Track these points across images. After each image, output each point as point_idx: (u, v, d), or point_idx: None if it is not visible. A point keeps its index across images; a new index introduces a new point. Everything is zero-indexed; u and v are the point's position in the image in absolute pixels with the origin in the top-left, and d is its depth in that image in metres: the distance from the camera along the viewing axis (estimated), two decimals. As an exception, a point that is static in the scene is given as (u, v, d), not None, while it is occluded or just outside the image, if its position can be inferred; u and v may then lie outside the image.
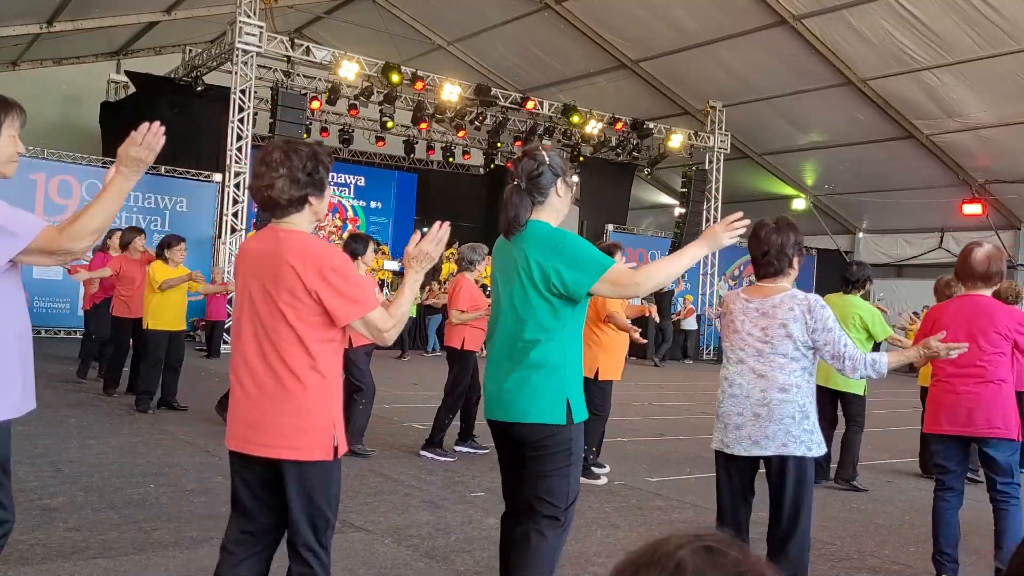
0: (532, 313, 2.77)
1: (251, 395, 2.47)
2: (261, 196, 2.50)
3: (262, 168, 2.50)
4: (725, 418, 3.27)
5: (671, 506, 5.37)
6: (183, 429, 6.87)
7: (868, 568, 4.36)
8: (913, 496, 6.22)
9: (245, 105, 13.89)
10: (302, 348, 2.43)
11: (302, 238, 2.49)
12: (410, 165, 22.48)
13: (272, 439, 2.42)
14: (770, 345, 3.20)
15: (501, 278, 2.90)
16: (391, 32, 17.82)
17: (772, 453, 3.16)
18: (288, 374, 2.43)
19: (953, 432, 3.94)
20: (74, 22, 16.42)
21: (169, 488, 4.98)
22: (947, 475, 4.02)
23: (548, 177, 2.85)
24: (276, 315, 2.44)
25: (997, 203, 18.57)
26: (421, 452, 6.38)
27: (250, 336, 2.50)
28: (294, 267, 2.42)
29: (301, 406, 2.43)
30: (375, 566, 3.84)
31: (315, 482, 2.44)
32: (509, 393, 2.78)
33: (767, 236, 3.30)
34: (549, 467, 2.74)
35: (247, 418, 2.48)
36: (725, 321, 3.39)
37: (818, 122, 18.15)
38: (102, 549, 3.79)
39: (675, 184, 21.51)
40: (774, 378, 3.19)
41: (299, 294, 2.42)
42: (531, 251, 2.77)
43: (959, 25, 13.55)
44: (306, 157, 2.50)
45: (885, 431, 8.92)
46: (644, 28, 16.55)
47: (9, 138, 2.40)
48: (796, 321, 3.18)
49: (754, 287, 3.40)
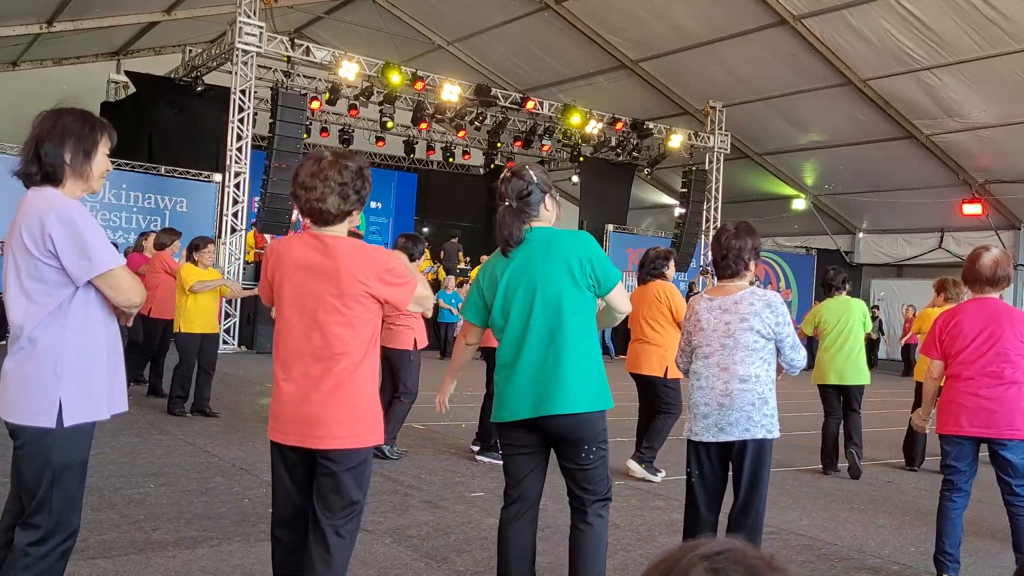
0: (575, 306, 2.97)
1: (304, 391, 2.66)
2: (310, 207, 2.68)
3: (315, 182, 2.66)
4: (694, 408, 3.57)
5: (671, 506, 5.37)
6: (183, 429, 6.87)
7: (868, 568, 4.36)
8: (913, 496, 6.22)
9: (245, 105, 13.88)
10: (352, 344, 2.66)
11: (353, 246, 2.72)
12: (410, 165, 22.47)
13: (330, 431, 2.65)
14: (732, 339, 3.48)
15: (517, 286, 3.01)
16: (391, 32, 17.81)
17: (736, 438, 3.46)
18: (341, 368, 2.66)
19: (972, 433, 3.95)
20: (74, 22, 16.40)
21: (169, 488, 4.98)
22: (957, 476, 4.04)
23: (536, 195, 3.08)
24: (334, 316, 2.66)
25: (997, 203, 18.56)
26: (477, 458, 6.38)
27: (302, 338, 2.68)
28: (356, 275, 2.65)
29: (356, 399, 2.67)
30: (375, 566, 3.83)
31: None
32: (560, 385, 2.92)
33: (727, 241, 3.59)
34: (594, 456, 2.97)
35: (299, 413, 2.67)
36: (691, 321, 3.65)
37: (818, 122, 18.14)
38: (102, 549, 3.79)
39: (675, 184, 21.50)
40: (735, 370, 3.48)
41: (361, 299, 2.66)
42: (565, 248, 3.00)
43: (959, 25, 13.54)
44: (355, 175, 2.70)
45: (886, 430, 8.92)
46: (644, 28, 16.54)
47: (103, 156, 2.60)
48: (756, 315, 3.47)
49: (716, 287, 3.70)
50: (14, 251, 2.49)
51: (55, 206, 2.47)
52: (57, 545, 2.51)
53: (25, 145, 2.54)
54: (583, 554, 3.01)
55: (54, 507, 2.49)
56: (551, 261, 2.99)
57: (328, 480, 2.67)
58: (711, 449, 3.54)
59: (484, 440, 6.43)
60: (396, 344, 6.30)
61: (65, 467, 2.50)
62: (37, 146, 2.49)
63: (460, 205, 22.89)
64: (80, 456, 2.56)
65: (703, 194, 19.45)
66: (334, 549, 2.65)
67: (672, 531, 4.79)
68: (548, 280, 2.97)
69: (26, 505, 2.51)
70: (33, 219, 2.45)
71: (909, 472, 7.17)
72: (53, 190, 2.52)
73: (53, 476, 2.48)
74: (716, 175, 19.54)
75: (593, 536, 3.00)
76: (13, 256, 2.50)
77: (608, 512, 3.08)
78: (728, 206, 20.19)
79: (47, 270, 2.46)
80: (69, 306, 2.49)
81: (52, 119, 2.53)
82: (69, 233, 2.44)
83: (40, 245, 2.44)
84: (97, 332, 2.57)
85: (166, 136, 15.75)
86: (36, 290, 2.48)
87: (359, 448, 2.68)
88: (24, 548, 2.47)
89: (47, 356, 2.47)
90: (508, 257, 3.05)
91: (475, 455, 6.43)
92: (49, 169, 2.49)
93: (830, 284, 6.91)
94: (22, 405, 2.48)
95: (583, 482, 3.00)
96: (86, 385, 2.52)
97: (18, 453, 2.53)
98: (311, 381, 2.66)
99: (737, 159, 20.10)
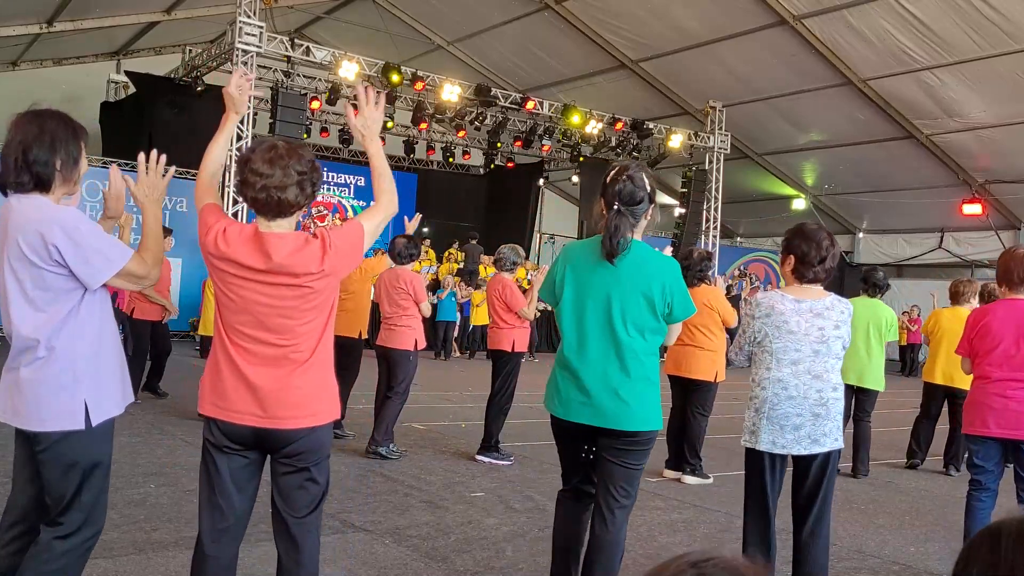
0: (646, 328, 3.01)
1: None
2: (267, 195, 2.43)
3: (273, 169, 2.43)
4: (780, 420, 3.31)
5: (670, 506, 5.37)
6: (183, 429, 6.87)
7: (868, 569, 4.36)
8: (914, 496, 6.22)
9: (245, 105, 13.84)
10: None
11: (297, 238, 2.52)
12: (410, 165, 22.46)
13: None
14: (826, 345, 3.32)
15: (594, 293, 3.04)
16: (391, 32, 17.81)
17: (828, 449, 3.33)
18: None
19: (999, 435, 3.98)
20: (74, 22, 16.39)
21: (169, 488, 4.98)
22: (985, 475, 4.07)
23: (645, 205, 3.04)
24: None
25: (997, 203, 18.55)
26: (477, 457, 6.36)
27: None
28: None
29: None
30: (375, 566, 3.83)
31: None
32: (626, 403, 2.98)
33: (826, 243, 3.47)
34: (640, 462, 3.07)
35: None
36: (771, 320, 3.34)
37: (818, 122, 18.13)
38: (102, 549, 3.77)
39: (675, 184, 21.49)
40: (828, 379, 3.32)
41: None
42: (653, 271, 3.01)
43: (959, 25, 13.53)
44: (311, 167, 2.51)
45: (887, 430, 8.91)
46: (644, 28, 16.53)
47: (85, 159, 2.62)
48: (845, 323, 3.37)
49: (796, 288, 3.43)
50: (11, 262, 2.47)
51: (52, 216, 2.46)
52: (83, 541, 2.55)
53: (7, 150, 2.49)
54: (599, 545, 3.06)
55: (84, 505, 2.53)
56: (636, 279, 2.99)
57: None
58: (786, 461, 3.38)
59: (486, 440, 6.43)
60: (397, 344, 6.29)
61: (95, 466, 2.54)
62: (25, 153, 2.45)
63: (460, 205, 22.88)
64: (108, 452, 2.60)
65: (703, 194, 19.43)
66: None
67: (671, 531, 4.79)
68: (627, 297, 2.99)
69: (52, 508, 2.53)
70: (30, 230, 2.43)
71: (909, 471, 7.17)
72: (42, 197, 2.50)
73: (83, 476, 2.52)
74: (716, 175, 19.53)
75: (614, 531, 3.05)
76: (11, 267, 2.47)
77: (628, 515, 3.13)
78: (728, 206, 20.19)
79: (53, 278, 2.46)
80: (79, 310, 2.51)
81: (37, 124, 2.48)
82: (74, 242, 2.43)
83: (44, 255, 2.43)
84: (105, 329, 2.60)
85: (166, 136, 15.65)
86: (44, 299, 2.48)
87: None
88: (50, 542, 2.50)
89: (66, 361, 2.49)
90: (613, 264, 2.99)
91: (475, 455, 6.43)
92: (41, 177, 2.48)
93: (876, 284, 6.63)
94: (44, 412, 2.48)
95: (619, 479, 3.04)
96: (104, 383, 2.57)
97: (40, 458, 2.52)
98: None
99: (737, 159, 20.09)
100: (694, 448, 6.11)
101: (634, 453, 3.04)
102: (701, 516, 5.18)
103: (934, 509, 5.83)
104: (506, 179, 22.77)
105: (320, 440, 2.56)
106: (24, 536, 2.58)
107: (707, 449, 6.32)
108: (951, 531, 5.06)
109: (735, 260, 21.97)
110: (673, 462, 6.22)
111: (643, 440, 3.03)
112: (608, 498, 3.03)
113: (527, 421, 7.91)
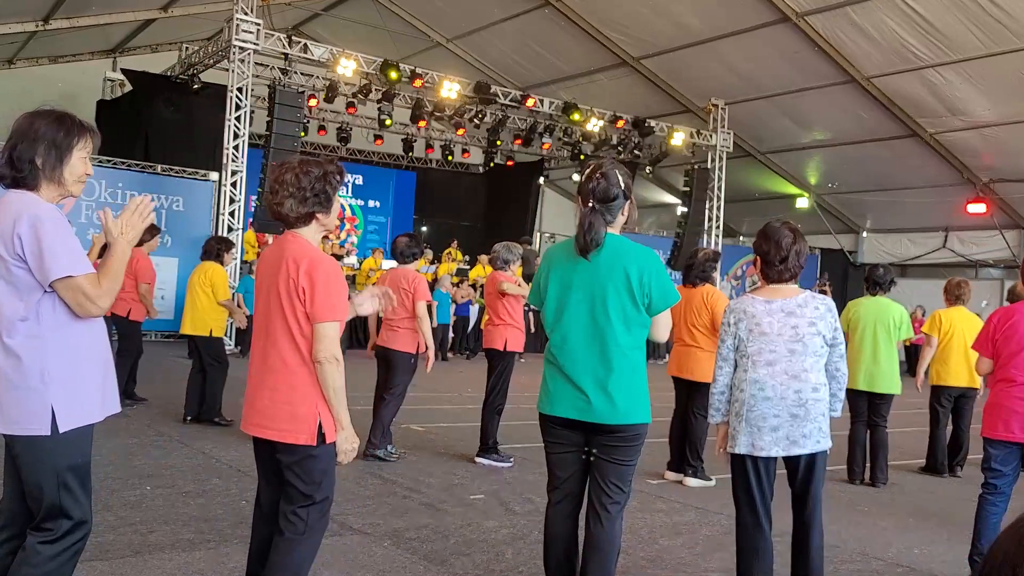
0: (629, 320, 2.99)
1: (253, 383, 2.85)
2: (272, 211, 2.85)
3: (276, 186, 2.82)
4: (758, 421, 3.28)
5: (672, 509, 5.31)
6: (179, 431, 6.81)
7: (872, 571, 4.30)
8: (917, 498, 6.16)
9: (242, 103, 13.79)
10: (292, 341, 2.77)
11: (302, 243, 2.83)
12: (409, 163, 22.41)
13: (267, 422, 2.79)
14: (802, 344, 3.27)
15: (575, 289, 3.05)
16: (389, 29, 17.74)
17: (808, 451, 3.29)
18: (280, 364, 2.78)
19: (1023, 440, 3.96)
20: (70, 20, 16.33)
21: (165, 490, 4.92)
22: (1001, 479, 4.06)
23: (620, 201, 3.07)
24: (276, 310, 2.80)
25: (1002, 202, 18.47)
26: (476, 459, 6.29)
27: (260, 331, 2.87)
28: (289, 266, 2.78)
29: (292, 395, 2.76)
30: (373, 569, 3.79)
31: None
32: (610, 397, 2.96)
33: (787, 242, 3.36)
34: (631, 458, 3.04)
35: (248, 404, 2.85)
36: (744, 325, 3.35)
37: (821, 120, 18.06)
38: (98, 552, 3.72)
39: (677, 183, 21.42)
40: (807, 378, 3.26)
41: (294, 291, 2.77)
42: (629, 262, 3.00)
43: (963, 23, 13.45)
44: (316, 179, 2.80)
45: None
46: (645, 25, 16.45)
47: (80, 159, 2.55)
48: (822, 319, 3.30)
49: (767, 289, 3.41)
50: None
51: (27, 209, 2.44)
52: (71, 545, 2.51)
53: (5, 146, 2.52)
54: (595, 543, 3.04)
55: (66, 510, 2.49)
56: (613, 271, 3.00)
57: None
58: (770, 463, 3.34)
59: (483, 442, 6.36)
60: (398, 345, 6.21)
61: (68, 470, 2.49)
62: (12, 149, 2.48)
63: (459, 204, 22.83)
64: (81, 458, 2.54)
65: (705, 193, 19.35)
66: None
67: (673, 534, 4.72)
68: (607, 289, 2.99)
69: (35, 511, 2.50)
70: (6, 221, 2.43)
71: (913, 473, 7.10)
72: (30, 193, 2.49)
73: (58, 481, 2.47)
74: (719, 173, 19.45)
75: (610, 527, 3.04)
76: None
77: (622, 511, 3.12)
78: (731, 205, 20.11)
79: (18, 272, 2.43)
80: (41, 310, 2.45)
81: (28, 122, 2.50)
82: (34, 236, 2.40)
83: (10, 247, 2.42)
84: (82, 333, 2.51)
85: (162, 134, 15.65)
86: (7, 292, 2.45)
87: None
88: (35, 547, 2.47)
89: (32, 363, 2.43)
90: (588, 260, 3.02)
91: (474, 457, 6.36)
92: (18, 173, 2.47)
93: (877, 282, 6.46)
94: (12, 415, 2.44)
95: (612, 476, 3.02)
96: (77, 389, 2.49)
97: (17, 462, 2.50)
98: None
99: (740, 157, 20.02)
100: (696, 450, 6.04)
101: (622, 449, 3.01)
102: (703, 518, 5.11)
103: (939, 511, 5.76)
104: (506, 178, 22.68)
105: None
106: (13, 540, 2.55)
107: (709, 451, 6.25)
108: (956, 533, 4.98)
109: (737, 259, 21.89)
110: (675, 464, 6.14)
111: (631, 435, 3.00)
112: (601, 496, 3.03)
113: (526, 423, 7.81)
